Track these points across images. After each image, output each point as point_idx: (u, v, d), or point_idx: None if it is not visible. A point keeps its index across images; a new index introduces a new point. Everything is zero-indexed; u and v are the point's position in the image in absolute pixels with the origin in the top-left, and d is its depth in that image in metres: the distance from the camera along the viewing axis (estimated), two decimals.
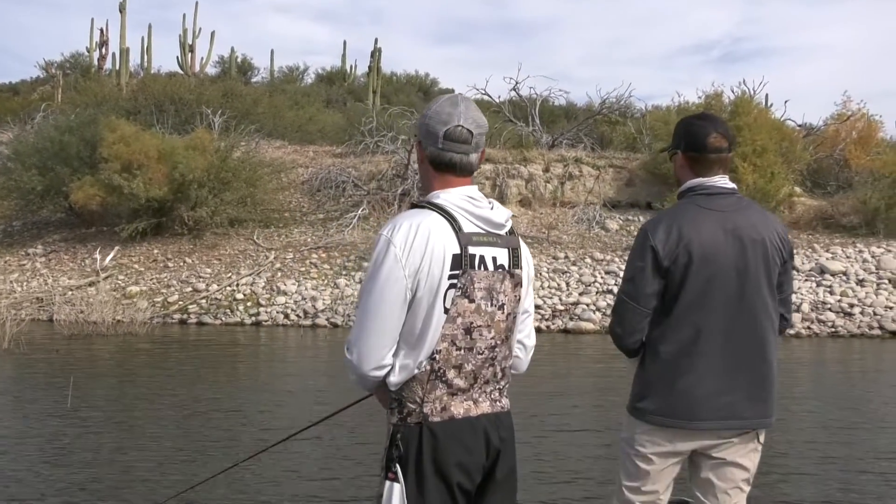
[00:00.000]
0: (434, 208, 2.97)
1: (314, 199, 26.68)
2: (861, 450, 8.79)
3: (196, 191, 23.06)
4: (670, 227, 3.75)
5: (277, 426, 9.55)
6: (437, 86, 48.05)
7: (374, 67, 39.19)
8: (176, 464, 8.01)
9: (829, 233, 24.83)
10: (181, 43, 41.82)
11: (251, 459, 6.62)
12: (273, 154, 28.92)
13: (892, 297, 19.31)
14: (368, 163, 27.42)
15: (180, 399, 11.28)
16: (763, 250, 3.78)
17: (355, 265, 21.82)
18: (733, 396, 3.73)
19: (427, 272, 2.86)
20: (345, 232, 24.02)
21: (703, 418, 3.72)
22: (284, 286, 20.74)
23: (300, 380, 13.23)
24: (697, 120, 4.00)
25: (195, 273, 21.71)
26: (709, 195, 3.85)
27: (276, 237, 24.23)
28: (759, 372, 3.77)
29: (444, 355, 2.92)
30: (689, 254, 3.69)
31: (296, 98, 38.76)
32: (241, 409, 10.72)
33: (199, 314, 19.84)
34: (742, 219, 3.80)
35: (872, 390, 12.65)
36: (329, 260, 22.34)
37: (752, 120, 25.30)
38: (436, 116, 3.03)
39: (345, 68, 47.73)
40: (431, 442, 2.91)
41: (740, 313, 3.74)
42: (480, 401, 3.03)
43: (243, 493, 7.11)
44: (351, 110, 33.42)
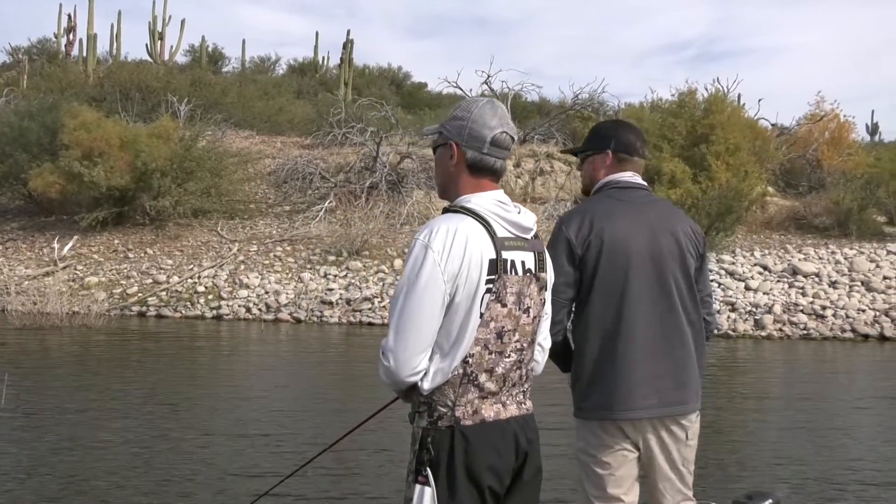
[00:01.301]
0: (468, 213, 2.93)
1: (280, 191, 26.22)
2: (820, 455, 8.52)
3: (159, 180, 22.57)
4: (583, 217, 3.80)
5: (219, 430, 9.13)
6: (410, 79, 47.70)
7: (346, 59, 38.71)
8: (103, 474, 7.58)
9: (802, 233, 24.70)
10: (150, 30, 41.21)
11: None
12: (240, 144, 28.49)
13: (864, 299, 19.07)
14: (337, 154, 27.01)
15: (120, 396, 10.84)
16: (675, 240, 3.86)
17: (321, 259, 21.41)
18: (661, 383, 3.78)
19: (466, 277, 2.84)
20: (311, 225, 23.60)
21: (638, 407, 3.75)
22: (247, 279, 20.29)
23: (251, 379, 12.81)
24: (625, 126, 4.15)
25: (156, 264, 21.23)
26: (622, 188, 3.94)
27: (240, 229, 23.77)
28: (679, 358, 3.83)
29: (476, 359, 2.91)
30: (601, 241, 3.74)
31: (266, 88, 38.25)
32: (186, 407, 10.29)
33: (158, 307, 19.37)
34: (654, 211, 3.90)
35: (832, 393, 12.39)
36: (294, 253, 21.90)
37: (726, 118, 25.12)
38: (479, 121, 2.99)
39: (317, 60, 47.20)
40: (463, 445, 2.88)
41: (657, 301, 3.80)
42: (508, 404, 3.00)
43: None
44: (321, 101, 32.96)
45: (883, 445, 9.08)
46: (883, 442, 9.27)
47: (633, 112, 28.33)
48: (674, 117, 26.01)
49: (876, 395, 12.35)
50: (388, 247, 22.31)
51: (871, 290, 19.55)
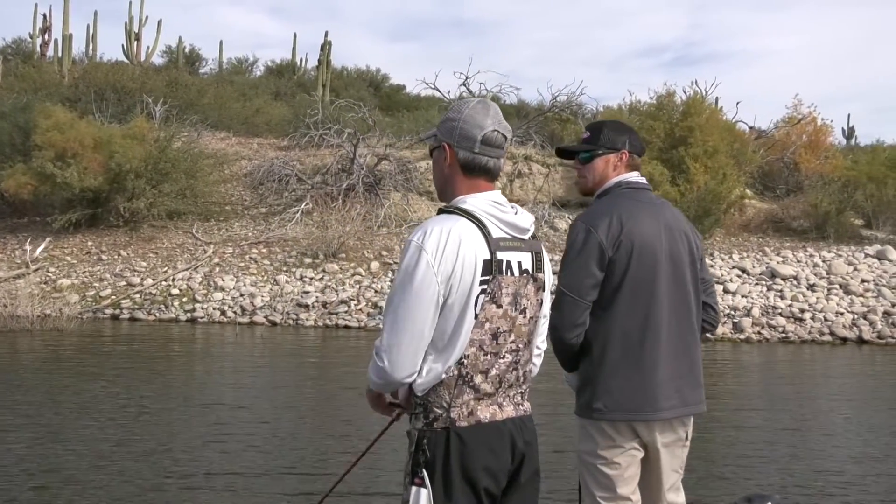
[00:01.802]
0: (463, 214, 2.94)
1: (257, 193, 25.98)
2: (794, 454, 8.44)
3: (133, 181, 22.32)
4: (610, 217, 3.76)
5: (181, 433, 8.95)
6: (388, 81, 47.37)
7: (324, 61, 38.43)
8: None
9: (780, 236, 24.68)
10: (127, 31, 40.82)
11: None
12: (216, 145, 28.25)
13: (842, 302, 19.06)
14: (313, 156, 26.80)
15: (90, 401, 10.66)
16: (688, 241, 3.92)
17: (297, 261, 21.22)
18: (681, 382, 3.82)
19: (459, 278, 2.85)
20: (287, 227, 23.40)
21: (662, 407, 3.76)
22: (222, 282, 20.09)
23: (224, 382, 12.63)
24: (630, 127, 4.19)
25: (130, 266, 20.98)
26: (636, 189, 3.95)
27: (215, 231, 23.54)
28: (695, 357, 3.91)
29: (471, 360, 2.91)
30: (632, 243, 3.73)
31: (243, 90, 37.98)
32: (156, 413, 10.10)
33: (132, 309, 19.14)
34: (667, 211, 3.95)
35: (810, 395, 12.32)
36: (270, 255, 21.70)
37: (704, 121, 25.13)
38: (470, 120, 3.01)
39: (295, 61, 46.93)
40: (459, 447, 2.89)
41: (677, 301, 3.83)
42: (505, 405, 3.01)
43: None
44: (298, 103, 32.75)
45: (862, 448, 9.02)
46: (863, 444, 9.22)
47: (612, 114, 28.22)
48: (652, 120, 25.99)
49: (853, 398, 12.32)
50: (365, 249, 22.14)
51: (850, 293, 19.54)
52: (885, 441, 9.44)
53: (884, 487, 7.59)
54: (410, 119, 31.30)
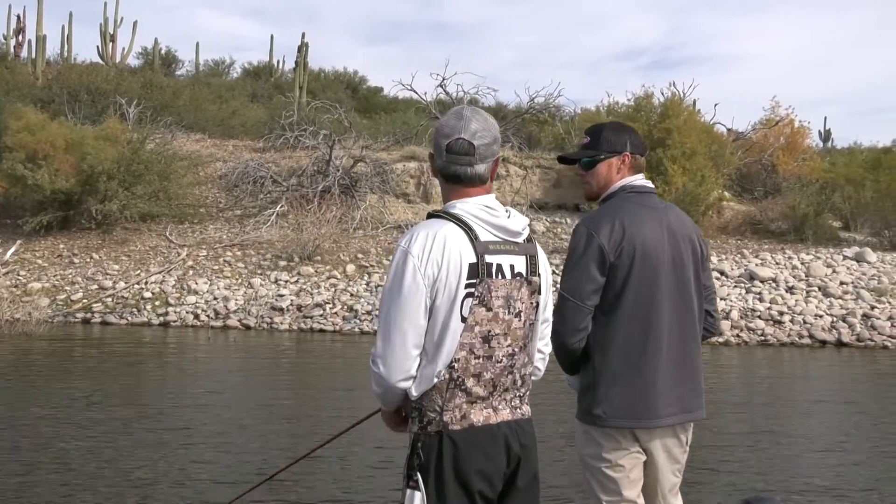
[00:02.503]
0: (450, 218, 2.97)
1: (232, 195, 25.71)
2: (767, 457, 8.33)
3: (105, 183, 22.01)
4: (613, 222, 3.74)
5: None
6: (366, 83, 47.21)
7: (301, 62, 38.09)
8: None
9: (758, 238, 24.64)
10: (102, 32, 40.44)
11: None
12: (191, 147, 27.98)
13: (821, 305, 18.97)
14: (289, 158, 26.56)
15: (60, 406, 10.39)
16: (692, 246, 3.89)
17: (271, 264, 20.98)
18: (682, 389, 3.81)
19: (444, 281, 2.87)
20: (262, 229, 23.17)
21: (662, 415, 3.75)
22: (196, 285, 19.81)
23: (197, 386, 12.38)
24: (629, 127, 4.14)
25: (102, 270, 20.67)
26: (640, 193, 3.91)
27: (189, 233, 23.26)
28: (696, 364, 3.89)
29: (462, 364, 2.92)
30: (634, 248, 3.70)
31: (220, 92, 37.72)
32: (128, 418, 9.85)
33: (103, 313, 18.82)
34: (672, 216, 3.90)
35: (790, 399, 12.20)
36: (244, 258, 21.44)
37: (682, 122, 25.05)
38: (441, 129, 3.07)
39: (272, 63, 46.65)
40: (451, 450, 2.91)
41: (679, 307, 3.81)
42: (500, 408, 3.01)
43: None
44: (273, 104, 32.50)
45: (838, 452, 8.95)
46: (839, 447, 9.16)
47: (590, 116, 28.17)
48: (630, 121, 25.81)
49: (833, 401, 12.20)
50: (341, 252, 21.92)
51: (828, 295, 19.46)
52: (861, 444, 9.36)
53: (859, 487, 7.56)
54: (387, 121, 31.14)
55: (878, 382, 14.02)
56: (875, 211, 25.40)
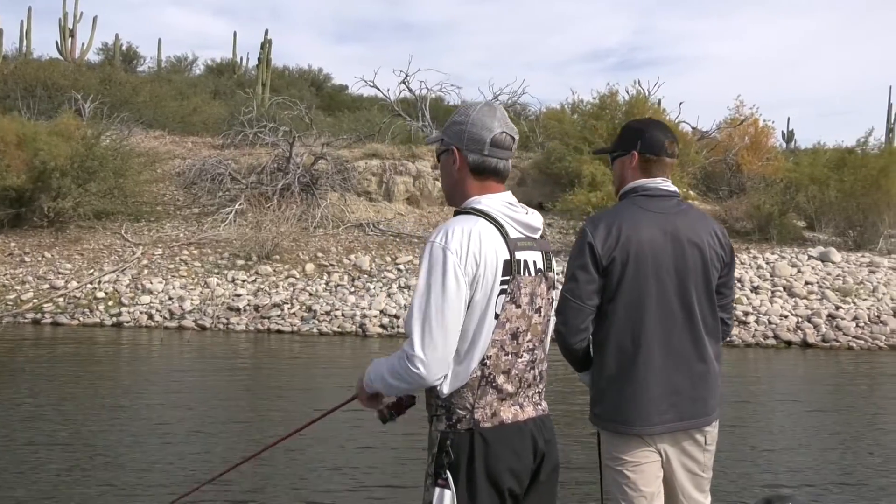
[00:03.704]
0: (480, 214, 2.96)
1: (190, 193, 25.22)
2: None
3: (58, 180, 21.42)
4: (610, 225, 3.73)
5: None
6: (330, 81, 46.93)
7: (264, 59, 37.65)
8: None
9: None
10: (61, 28, 39.81)
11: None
12: (149, 144, 27.48)
13: (786, 305, 18.78)
14: (249, 155, 26.09)
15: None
16: (701, 253, 3.81)
17: (229, 263, 20.55)
18: (678, 398, 3.76)
19: (482, 278, 2.87)
20: (220, 227, 22.69)
21: (654, 422, 3.73)
22: (150, 284, 19.33)
23: (149, 389, 11.99)
24: (653, 124, 4.02)
25: (54, 269, 20.14)
26: (650, 196, 3.85)
27: (145, 232, 22.73)
28: (697, 372, 3.80)
29: (493, 361, 2.93)
30: (627, 253, 3.69)
31: (181, 88, 37.23)
32: (77, 423, 9.44)
33: (54, 313, 18.31)
34: (682, 221, 3.83)
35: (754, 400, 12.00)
36: (201, 257, 20.99)
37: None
38: (479, 123, 3.03)
39: (235, 60, 46.18)
40: (483, 448, 2.91)
41: (678, 315, 3.76)
42: (525, 405, 3.04)
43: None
44: (234, 100, 32.05)
45: (808, 452, 8.83)
46: (802, 448, 9.06)
47: (555, 114, 27.98)
48: (595, 119, 25.67)
49: (797, 400, 12.04)
50: (301, 251, 21.52)
51: (794, 295, 19.28)
52: (825, 445, 9.34)
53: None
54: (351, 119, 30.81)
55: (839, 383, 13.90)
56: (839, 211, 25.28)
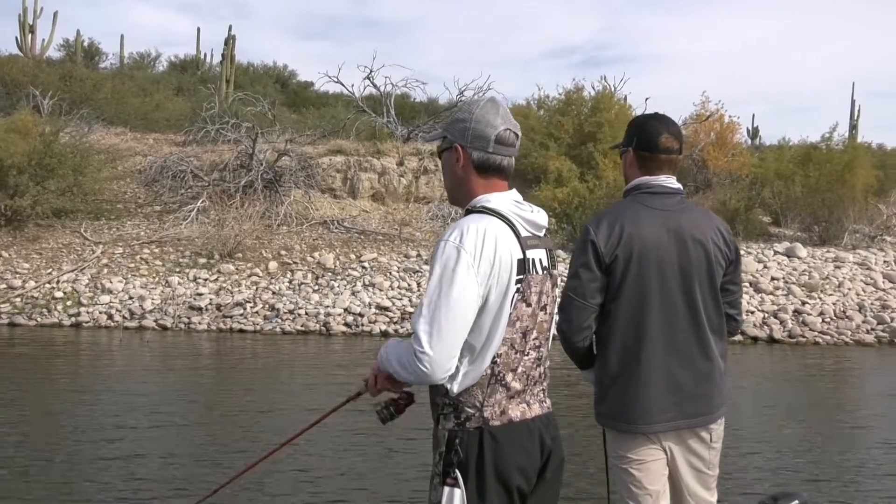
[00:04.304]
0: (492, 213, 2.94)
1: (151, 190, 24.78)
2: None
3: (15, 178, 20.96)
4: (612, 223, 3.73)
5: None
6: (296, 78, 46.53)
7: (228, 55, 37.19)
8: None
9: None
10: (21, 23, 39.20)
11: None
12: (110, 141, 27.01)
13: (753, 301, 18.72)
14: (211, 152, 25.69)
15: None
16: (705, 250, 3.80)
17: (190, 261, 20.24)
18: (680, 396, 3.75)
19: (497, 278, 2.85)
20: (181, 225, 22.32)
21: (655, 420, 3.72)
22: (110, 284, 19.01)
23: (107, 392, 11.71)
24: (651, 119, 4.01)
25: (11, 268, 19.72)
26: (653, 194, 3.84)
27: (105, 230, 22.30)
28: (701, 370, 3.79)
29: (503, 359, 2.93)
30: (630, 250, 3.68)
31: (144, 85, 36.74)
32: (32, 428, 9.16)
33: (11, 314, 17.93)
34: (686, 219, 3.82)
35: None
36: (162, 256, 20.65)
37: (613, 116, 24.87)
38: (482, 120, 3.01)
39: (199, 56, 45.68)
40: (493, 446, 2.90)
41: (682, 313, 3.75)
42: (531, 403, 3.03)
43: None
44: (196, 96, 31.65)
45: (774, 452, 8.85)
46: (768, 447, 9.07)
47: (520, 110, 27.88)
48: (561, 115, 25.60)
49: (763, 397, 11.98)
50: (264, 248, 21.23)
51: (760, 291, 19.25)
52: (790, 444, 9.33)
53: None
54: (316, 115, 30.54)
55: (806, 379, 13.91)
56: (805, 206, 25.35)
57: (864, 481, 7.97)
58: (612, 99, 26.22)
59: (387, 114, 28.63)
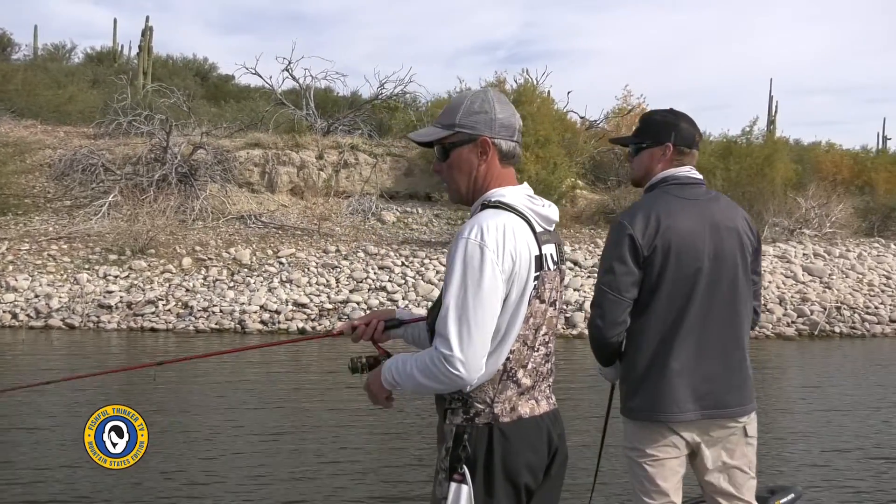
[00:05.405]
0: (509, 209, 2.88)
1: (61, 184, 23.99)
2: None
3: None
4: (647, 216, 3.71)
5: None
6: (216, 71, 45.65)
7: (145, 47, 36.25)
8: None
9: None
10: None
11: None
12: (19, 133, 26.17)
13: None
14: (125, 145, 24.96)
15: None
16: (738, 238, 3.82)
17: (101, 258, 19.58)
18: (714, 385, 3.74)
19: (517, 275, 2.80)
20: (92, 220, 21.61)
21: (688, 409, 3.71)
22: (15, 281, 18.29)
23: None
24: (682, 116, 4.01)
25: None
26: (682, 185, 3.86)
27: (12, 226, 21.53)
28: (735, 359, 3.81)
29: (516, 355, 2.88)
30: (669, 242, 3.67)
31: (58, 77, 35.71)
32: None
33: None
34: (716, 208, 3.85)
35: None
36: (71, 252, 19.95)
37: (535, 109, 24.67)
38: (504, 110, 2.98)
39: (116, 48, 44.61)
40: (502, 443, 2.85)
41: (717, 301, 3.75)
42: (539, 399, 2.99)
43: None
44: (108, 88, 30.78)
45: None
46: None
47: (442, 103, 27.51)
48: None
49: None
50: (178, 244, 20.65)
51: None
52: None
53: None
54: (235, 108, 29.98)
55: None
56: None
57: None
58: (535, 92, 26.06)
59: (306, 107, 28.14)
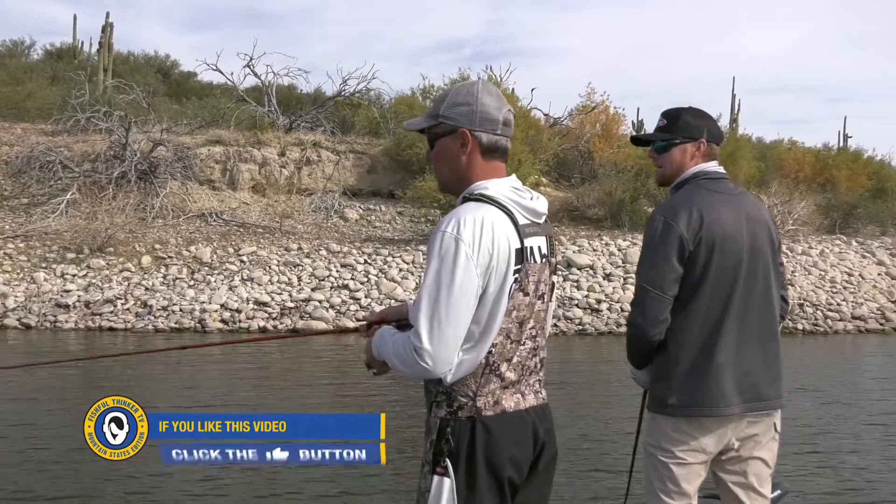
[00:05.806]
0: (489, 201, 2.86)
1: (18, 182, 23.60)
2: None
3: None
4: (689, 211, 3.69)
5: None
6: (178, 68, 45.23)
7: (106, 43, 35.81)
8: None
9: (575, 225, 24.41)
10: None
11: None
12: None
13: (629, 292, 18.60)
14: (83, 142, 24.58)
15: None
16: (768, 231, 3.84)
17: (58, 256, 19.31)
18: (755, 377, 3.73)
19: (495, 269, 2.77)
20: (50, 218, 21.29)
21: (733, 403, 3.67)
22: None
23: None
24: (707, 113, 4.03)
25: None
26: (714, 180, 3.86)
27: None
28: (772, 351, 3.80)
29: (499, 349, 2.85)
30: (713, 237, 3.65)
31: (16, 74, 35.24)
32: None
33: None
34: (747, 201, 3.86)
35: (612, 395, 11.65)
36: (27, 250, 19.67)
37: None
38: (488, 102, 2.94)
39: (76, 44, 44.11)
40: (485, 437, 2.83)
41: (754, 294, 3.73)
42: (526, 393, 2.96)
43: None
44: (66, 84, 30.37)
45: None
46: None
47: (405, 100, 27.51)
48: None
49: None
50: (137, 242, 20.40)
51: None
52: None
53: None
54: (197, 105, 29.68)
55: None
56: None
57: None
58: (498, 89, 25.97)
59: (268, 103, 27.91)
